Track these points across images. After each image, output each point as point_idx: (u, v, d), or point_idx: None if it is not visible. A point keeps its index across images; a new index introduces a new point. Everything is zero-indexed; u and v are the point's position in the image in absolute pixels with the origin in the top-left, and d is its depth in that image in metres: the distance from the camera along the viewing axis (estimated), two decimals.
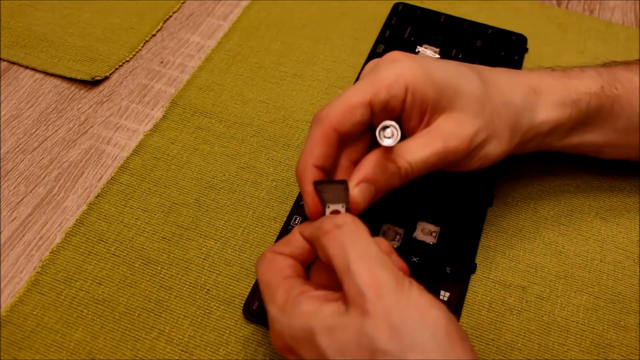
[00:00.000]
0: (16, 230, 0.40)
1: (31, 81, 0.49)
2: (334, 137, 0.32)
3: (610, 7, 0.58)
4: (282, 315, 0.28)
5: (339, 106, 0.32)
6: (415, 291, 0.27)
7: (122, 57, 0.51)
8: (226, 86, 0.49)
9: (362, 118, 0.32)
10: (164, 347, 0.35)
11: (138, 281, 0.38)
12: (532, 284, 0.38)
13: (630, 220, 0.42)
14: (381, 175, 0.32)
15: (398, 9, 0.55)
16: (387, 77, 0.33)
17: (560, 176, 0.44)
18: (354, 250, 0.28)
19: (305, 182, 0.32)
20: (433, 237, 0.40)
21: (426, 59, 0.34)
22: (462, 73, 0.34)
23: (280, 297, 0.29)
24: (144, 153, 0.44)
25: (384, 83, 0.32)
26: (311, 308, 0.27)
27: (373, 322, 0.26)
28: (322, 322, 0.27)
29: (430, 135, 0.33)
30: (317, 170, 0.32)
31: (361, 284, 0.26)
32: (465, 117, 0.33)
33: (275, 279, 0.30)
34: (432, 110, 0.33)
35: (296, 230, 0.32)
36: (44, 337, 0.35)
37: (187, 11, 0.55)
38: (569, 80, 0.37)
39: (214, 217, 0.41)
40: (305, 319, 0.27)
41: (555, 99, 0.37)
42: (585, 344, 0.36)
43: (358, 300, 0.26)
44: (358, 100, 0.32)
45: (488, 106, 0.34)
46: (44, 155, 0.44)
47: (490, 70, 0.37)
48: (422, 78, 0.33)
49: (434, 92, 0.33)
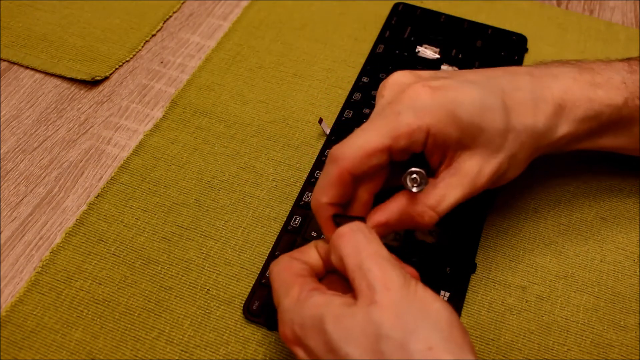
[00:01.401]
0: (16, 230, 0.40)
1: (31, 81, 0.49)
2: (349, 179, 0.32)
3: (610, 7, 0.58)
4: (294, 306, 0.29)
5: (355, 149, 0.31)
6: (420, 288, 0.28)
7: (122, 57, 0.51)
8: (226, 86, 0.49)
9: (380, 162, 0.32)
10: (164, 347, 0.35)
11: (138, 281, 0.38)
12: (532, 284, 0.38)
13: (630, 220, 0.42)
14: (403, 223, 0.33)
15: (398, 9, 0.55)
16: (408, 123, 0.31)
17: (560, 176, 0.44)
18: (366, 250, 0.29)
19: (322, 218, 0.33)
20: (433, 237, 0.40)
21: (448, 93, 0.32)
22: (486, 107, 0.32)
23: (294, 291, 0.30)
24: (144, 153, 0.44)
25: (403, 129, 0.31)
26: (323, 299, 0.29)
27: (379, 309, 0.27)
28: (332, 311, 0.28)
29: (456, 177, 0.33)
30: (331, 207, 0.32)
31: (372, 278, 0.28)
32: (489, 153, 0.33)
33: (291, 277, 0.31)
34: (454, 148, 0.33)
35: (312, 244, 0.33)
36: (44, 337, 0.35)
37: (187, 11, 0.55)
38: (594, 91, 0.36)
39: (214, 217, 0.41)
40: (316, 308, 0.28)
41: (577, 114, 0.35)
42: (585, 344, 0.36)
43: (367, 293, 0.28)
44: (376, 146, 0.31)
45: (510, 136, 0.33)
46: (44, 155, 0.44)
47: (514, 85, 0.34)
48: (445, 121, 0.31)
49: (457, 132, 0.32)
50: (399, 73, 0.34)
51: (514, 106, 0.34)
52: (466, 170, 0.33)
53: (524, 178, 0.44)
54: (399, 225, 0.33)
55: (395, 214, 0.32)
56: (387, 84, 0.34)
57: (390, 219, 0.33)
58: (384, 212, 0.33)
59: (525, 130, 0.34)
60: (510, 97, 0.34)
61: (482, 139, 0.32)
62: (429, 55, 0.51)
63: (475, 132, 0.32)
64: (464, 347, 0.27)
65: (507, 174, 0.35)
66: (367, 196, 0.33)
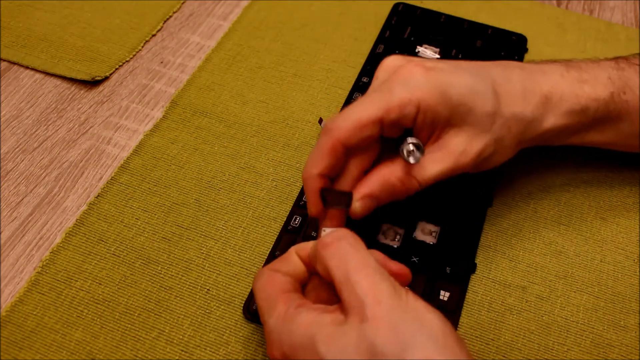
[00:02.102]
0: (16, 230, 0.40)
1: (31, 81, 0.49)
2: (341, 150, 0.33)
3: (610, 7, 0.58)
4: (282, 325, 0.28)
5: (349, 121, 0.32)
6: (411, 298, 0.28)
7: (122, 57, 0.51)
8: (226, 86, 0.49)
9: (372, 133, 0.33)
10: (164, 347, 0.35)
11: (138, 281, 0.38)
12: (532, 284, 0.38)
13: (630, 220, 0.42)
14: (388, 193, 0.33)
15: (398, 9, 0.55)
16: (400, 97, 0.32)
17: (560, 176, 0.44)
18: (353, 261, 0.29)
19: (310, 190, 0.33)
20: (433, 237, 0.40)
21: (441, 74, 0.33)
22: (476, 90, 0.34)
23: (279, 309, 0.29)
24: (144, 153, 0.44)
25: (395, 102, 0.32)
26: (311, 317, 0.28)
27: (372, 325, 0.26)
28: (322, 330, 0.27)
29: (441, 152, 0.34)
30: (321, 178, 0.33)
31: (360, 292, 0.27)
32: (476, 133, 0.34)
33: (274, 292, 0.30)
34: (442, 125, 0.34)
35: (292, 250, 0.33)
36: (44, 337, 0.35)
37: (187, 11, 0.55)
38: (581, 86, 0.37)
39: (214, 217, 0.41)
40: (305, 327, 0.28)
41: (565, 107, 0.37)
42: (585, 344, 0.36)
43: (357, 308, 0.27)
44: (369, 118, 0.32)
45: (499, 121, 0.34)
46: (44, 155, 0.44)
47: (505, 76, 0.36)
48: (436, 98, 0.33)
49: (447, 111, 0.33)
50: (393, 57, 0.36)
51: (504, 94, 0.35)
52: (452, 147, 0.34)
53: (524, 178, 0.44)
54: (383, 195, 0.33)
55: (379, 184, 0.33)
56: (381, 67, 0.36)
57: (374, 189, 0.33)
58: (368, 182, 0.33)
59: (514, 117, 0.35)
60: (500, 86, 0.35)
61: (470, 119, 0.33)
62: (429, 55, 0.51)
63: (464, 112, 0.33)
64: (462, 356, 0.26)
65: (492, 158, 0.35)
66: (357, 172, 0.34)
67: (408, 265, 0.38)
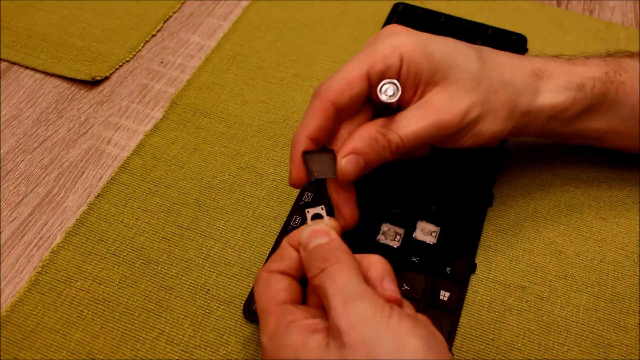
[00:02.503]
0: (16, 230, 0.40)
1: (31, 81, 0.49)
2: (331, 111, 0.33)
3: (610, 7, 0.58)
4: (271, 345, 0.28)
5: (337, 80, 0.33)
6: (395, 319, 0.27)
7: (122, 57, 0.51)
8: (226, 86, 0.49)
9: (360, 91, 0.33)
10: (164, 347, 0.35)
11: (138, 281, 0.38)
12: (532, 284, 0.38)
13: (630, 220, 0.42)
14: (371, 147, 0.32)
15: (398, 9, 0.55)
16: (383, 49, 0.33)
17: (560, 176, 0.44)
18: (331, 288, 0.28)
19: (295, 151, 0.33)
20: (433, 237, 0.40)
21: (424, 34, 0.35)
22: (459, 49, 0.35)
23: (271, 325, 0.29)
24: (144, 153, 0.44)
25: (379, 55, 0.33)
26: (299, 340, 0.28)
27: (351, 352, 0.26)
28: (308, 355, 0.27)
29: (422, 108, 0.33)
30: (310, 141, 0.33)
31: (336, 317, 0.27)
32: (459, 91, 0.34)
33: (268, 304, 0.30)
34: (425, 82, 0.34)
35: (285, 243, 0.32)
36: (44, 337, 0.35)
37: (187, 11, 0.55)
38: (573, 66, 0.38)
39: (214, 217, 0.41)
40: (292, 351, 0.27)
41: (558, 83, 0.37)
42: (585, 344, 0.36)
43: (336, 334, 0.27)
44: (356, 73, 0.33)
45: (485, 83, 0.34)
46: (44, 155, 0.44)
47: (492, 51, 0.37)
48: (418, 51, 0.33)
49: (429, 65, 0.33)
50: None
51: (490, 62, 0.35)
52: (433, 103, 0.33)
53: (524, 178, 0.44)
54: (366, 150, 0.32)
55: (361, 139, 0.32)
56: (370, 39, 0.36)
57: (356, 146, 0.32)
58: (351, 140, 0.32)
59: (501, 82, 0.35)
60: (486, 55, 0.36)
61: (453, 77, 0.34)
62: None
63: (447, 67, 0.33)
64: None
65: (483, 124, 0.35)
66: (347, 136, 0.34)
67: (408, 265, 0.38)
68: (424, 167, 0.42)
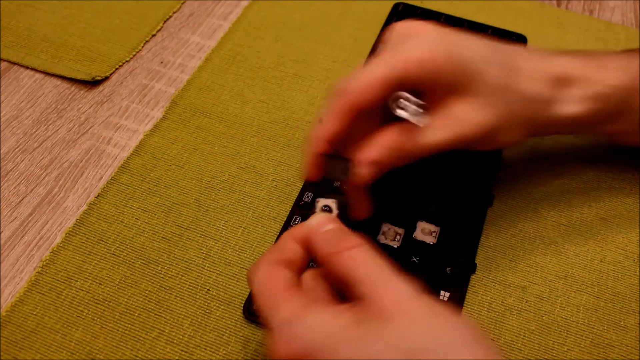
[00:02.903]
0: (16, 230, 0.40)
1: (31, 81, 0.49)
2: (352, 113, 0.32)
3: (610, 7, 0.58)
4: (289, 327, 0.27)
5: (361, 82, 0.32)
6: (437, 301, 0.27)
7: (122, 57, 0.51)
8: (226, 86, 0.49)
9: (385, 94, 0.32)
10: (164, 347, 0.35)
11: (138, 281, 0.38)
12: (532, 284, 0.38)
13: (630, 220, 0.42)
14: (389, 157, 0.32)
15: (398, 9, 0.55)
16: (411, 54, 0.32)
17: (560, 176, 0.44)
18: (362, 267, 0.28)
19: (313, 151, 0.33)
20: (433, 237, 0.40)
21: (450, 35, 0.33)
22: (487, 58, 0.33)
23: (285, 309, 0.27)
24: (144, 153, 0.44)
25: (407, 59, 0.32)
26: (326, 318, 0.27)
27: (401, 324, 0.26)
28: (342, 332, 0.26)
29: (445, 120, 0.33)
30: (327, 143, 0.32)
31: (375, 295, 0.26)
32: (481, 105, 0.33)
33: (276, 290, 0.29)
34: (447, 89, 0.33)
35: (287, 236, 0.31)
36: (44, 337, 0.35)
37: (187, 11, 0.55)
38: (596, 71, 0.36)
39: (214, 217, 0.41)
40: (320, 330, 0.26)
41: (580, 93, 0.36)
42: (585, 344, 0.36)
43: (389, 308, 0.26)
44: (380, 77, 0.31)
45: (506, 96, 0.34)
46: (44, 155, 0.44)
47: (520, 54, 0.35)
48: (446, 57, 0.32)
49: (455, 74, 0.32)
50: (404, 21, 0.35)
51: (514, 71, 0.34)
52: (456, 116, 0.33)
53: (524, 178, 0.44)
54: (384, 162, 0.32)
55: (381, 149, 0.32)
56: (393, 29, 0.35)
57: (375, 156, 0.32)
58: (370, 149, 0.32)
59: (522, 95, 0.34)
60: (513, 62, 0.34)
61: (478, 88, 0.33)
62: None
63: (472, 79, 0.32)
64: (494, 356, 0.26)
65: (499, 135, 0.35)
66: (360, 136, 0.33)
67: (408, 265, 0.38)
68: (424, 167, 0.42)
